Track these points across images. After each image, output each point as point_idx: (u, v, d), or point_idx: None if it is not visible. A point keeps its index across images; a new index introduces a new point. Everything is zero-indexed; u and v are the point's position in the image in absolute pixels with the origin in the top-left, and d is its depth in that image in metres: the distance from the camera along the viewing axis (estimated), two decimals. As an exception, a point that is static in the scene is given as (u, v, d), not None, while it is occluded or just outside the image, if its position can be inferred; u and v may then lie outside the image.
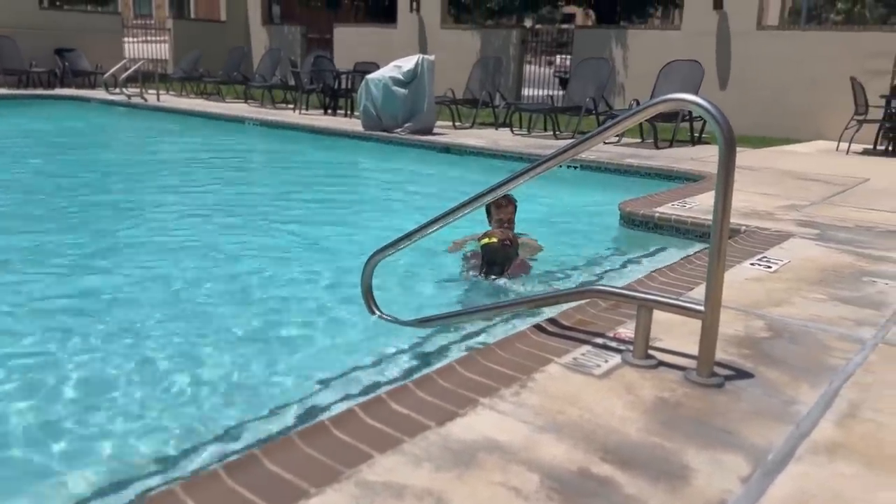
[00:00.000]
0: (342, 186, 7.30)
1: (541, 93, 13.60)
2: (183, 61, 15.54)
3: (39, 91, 14.17)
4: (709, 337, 2.02)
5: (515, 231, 4.09)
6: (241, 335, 3.07)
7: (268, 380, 2.63)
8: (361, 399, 2.15)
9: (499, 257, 3.68)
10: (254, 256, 4.34)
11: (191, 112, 11.88)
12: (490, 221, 4.16)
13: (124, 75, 13.56)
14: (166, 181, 7.16)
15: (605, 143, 8.27)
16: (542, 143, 8.62)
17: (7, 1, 14.79)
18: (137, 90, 13.20)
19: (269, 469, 1.56)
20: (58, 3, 20.04)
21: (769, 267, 3.35)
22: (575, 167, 6.97)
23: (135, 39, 18.85)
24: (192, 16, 29.59)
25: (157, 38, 19.17)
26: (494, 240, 3.67)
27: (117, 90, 13.52)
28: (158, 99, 13.03)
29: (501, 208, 4.07)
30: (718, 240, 1.94)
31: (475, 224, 4.20)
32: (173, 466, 2.02)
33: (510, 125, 10.09)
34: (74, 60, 15.44)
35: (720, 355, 2.17)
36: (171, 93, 14.52)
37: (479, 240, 3.81)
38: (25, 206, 5.60)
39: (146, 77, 13.64)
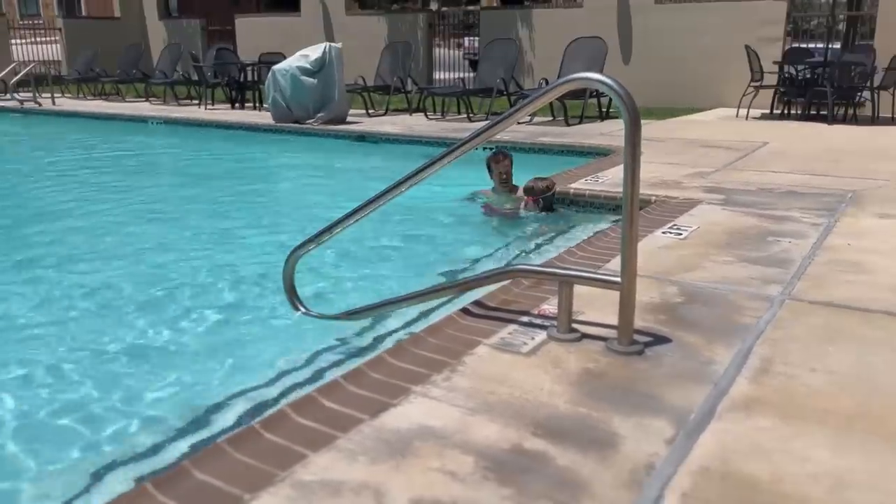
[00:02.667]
0: (256, 182, 7.15)
1: (452, 76, 13.63)
2: (77, 61, 14.82)
3: (-80, 101, 13.25)
4: (627, 306, 2.08)
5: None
6: (159, 341, 2.97)
7: (192, 387, 2.56)
8: (292, 398, 2.13)
9: (539, 195, 4.62)
10: (169, 259, 4.20)
11: (90, 114, 11.36)
12: (491, 176, 4.98)
13: (14, 80, 12.85)
14: (69, 188, 6.82)
15: (518, 123, 8.37)
16: (456, 127, 8.66)
17: None
18: (30, 95, 12.52)
19: (200, 479, 1.52)
20: (-67, 6, 18.73)
21: (679, 234, 3.48)
22: (491, 148, 7.02)
23: (23, 41, 17.84)
24: (84, 13, 28.18)
25: (48, 39, 18.18)
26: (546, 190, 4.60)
27: (8, 96, 12.80)
28: (54, 103, 12.40)
29: (500, 163, 4.91)
30: (630, 212, 2.00)
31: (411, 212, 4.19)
32: (95, 486, 1.94)
33: (424, 110, 10.09)
34: (-43, 66, 14.49)
35: (639, 323, 2.24)
36: (67, 95, 13.84)
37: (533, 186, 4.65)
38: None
39: (39, 80, 12.95)
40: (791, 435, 1.70)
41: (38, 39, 18.27)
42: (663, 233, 3.51)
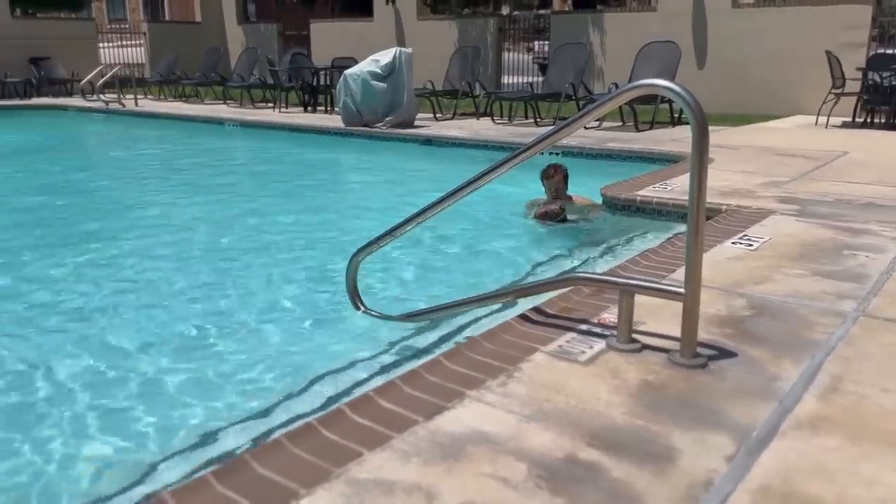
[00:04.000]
0: (325, 183, 7.29)
1: (521, 80, 13.60)
2: (160, 64, 15.42)
3: (16, 101, 14.01)
4: (690, 318, 2.04)
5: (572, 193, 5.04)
6: (225, 336, 3.06)
7: (254, 381, 2.63)
8: (349, 397, 2.16)
9: (554, 219, 4.75)
10: (239, 256, 4.33)
11: (170, 115, 11.81)
12: (546, 190, 5.01)
13: (101, 81, 13.44)
14: (149, 186, 7.12)
15: (587, 127, 8.29)
16: (523, 131, 8.63)
17: (-22, 13, 14.63)
18: (115, 96, 13.09)
19: (259, 472, 1.56)
20: (30, 12, 19.78)
21: (750, 245, 3.38)
22: (557, 153, 6.98)
23: (110, 44, 18.68)
24: (167, 18, 29.33)
25: (133, 42, 18.99)
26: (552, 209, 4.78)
27: (94, 97, 13.40)
28: (136, 104, 12.93)
29: (550, 178, 4.95)
30: (695, 221, 1.96)
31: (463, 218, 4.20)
32: (158, 474, 2.02)
33: (491, 114, 10.09)
34: (50, 69, 15.28)
35: (703, 335, 2.19)
36: (149, 97, 14.41)
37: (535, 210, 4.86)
38: (9, 215, 5.56)
39: (123, 82, 13.52)
40: (859, 456, 1.63)
41: (124, 43, 19.11)
42: (733, 243, 3.41)
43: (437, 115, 10.46)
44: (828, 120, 8.78)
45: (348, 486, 1.52)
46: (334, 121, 10.03)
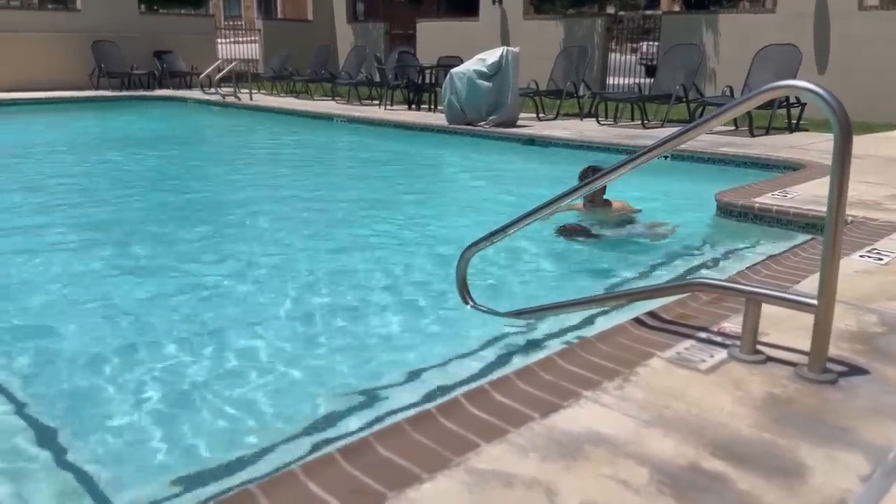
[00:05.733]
0: (430, 180, 7.37)
1: (624, 81, 13.33)
2: (273, 61, 16.01)
3: (141, 92, 14.87)
4: (822, 332, 1.95)
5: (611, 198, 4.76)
6: (340, 325, 3.16)
7: (370, 369, 2.70)
8: (462, 388, 2.19)
9: (577, 236, 4.48)
10: (350, 250, 4.44)
11: (283, 110, 12.23)
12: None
13: (218, 76, 14.08)
14: (263, 176, 7.42)
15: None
16: (629, 133, 8.46)
17: (110, 9, 15.60)
18: (231, 90, 13.69)
19: (382, 454, 1.61)
20: (155, 8, 21.00)
21: (880, 259, 3.20)
22: (666, 157, 6.79)
23: (226, 40, 19.51)
24: (280, 16, 30.42)
25: (247, 39, 19.79)
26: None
27: (212, 90, 14.05)
28: (251, 98, 13.47)
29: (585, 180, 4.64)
30: (833, 232, 1.87)
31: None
32: (287, 451, 2.10)
33: (596, 115, 9.94)
34: (172, 62, 16.13)
35: (832, 351, 2.09)
36: (262, 92, 14.98)
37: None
38: (134, 200, 5.92)
39: (239, 77, 14.12)
40: None
41: (239, 39, 19.94)
42: (861, 256, 3.24)
43: (540, 115, 10.40)
44: (964, 131, 8.18)
45: (468, 475, 1.55)
46: (438, 119, 10.13)
